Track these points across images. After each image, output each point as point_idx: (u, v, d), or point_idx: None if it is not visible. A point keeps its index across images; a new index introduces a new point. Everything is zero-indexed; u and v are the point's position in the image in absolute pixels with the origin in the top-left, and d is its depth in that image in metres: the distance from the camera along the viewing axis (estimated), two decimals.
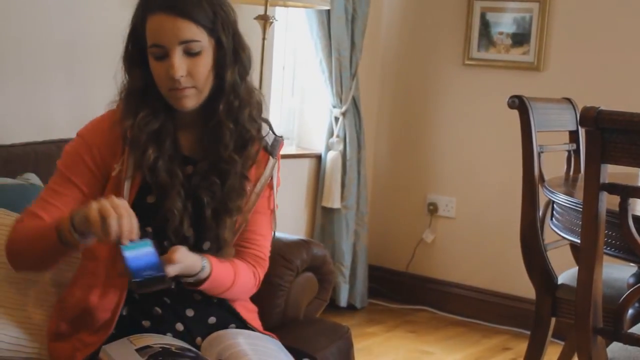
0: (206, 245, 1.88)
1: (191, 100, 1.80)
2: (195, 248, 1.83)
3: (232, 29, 1.84)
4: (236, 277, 1.89)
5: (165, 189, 1.82)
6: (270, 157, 1.95)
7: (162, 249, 1.76)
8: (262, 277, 1.99)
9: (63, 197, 1.84)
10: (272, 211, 1.98)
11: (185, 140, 1.89)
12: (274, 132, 1.98)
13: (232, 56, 1.83)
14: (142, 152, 1.80)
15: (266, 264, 2.00)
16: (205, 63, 1.79)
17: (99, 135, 1.85)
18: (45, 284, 1.98)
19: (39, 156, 2.41)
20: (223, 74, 1.83)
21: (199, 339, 1.88)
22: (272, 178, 1.95)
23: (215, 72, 1.83)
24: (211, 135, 1.86)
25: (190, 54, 1.77)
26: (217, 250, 1.87)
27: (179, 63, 1.76)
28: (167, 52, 1.76)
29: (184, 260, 1.74)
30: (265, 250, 1.99)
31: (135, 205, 1.74)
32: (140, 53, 1.81)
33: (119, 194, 1.80)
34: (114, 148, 1.84)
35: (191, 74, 1.78)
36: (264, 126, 1.95)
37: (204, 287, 1.82)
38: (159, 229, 1.82)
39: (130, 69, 1.84)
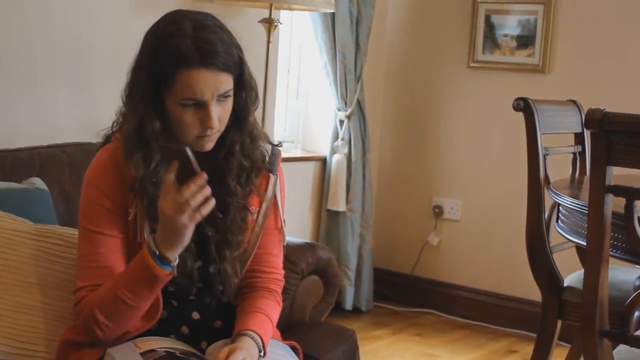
0: (212, 267, 1.86)
1: (214, 142, 1.79)
2: (202, 274, 1.84)
3: (249, 69, 1.81)
4: (273, 323, 1.89)
5: None
6: (271, 175, 1.91)
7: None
8: (280, 294, 1.98)
9: (107, 254, 1.78)
10: (280, 229, 1.96)
11: None
12: (270, 142, 1.94)
13: (252, 96, 1.83)
14: (151, 202, 1.76)
15: (283, 282, 2.00)
16: (230, 106, 1.78)
17: (108, 177, 1.79)
18: (49, 288, 1.98)
19: (44, 161, 2.41)
20: (244, 115, 1.82)
21: (204, 343, 1.88)
22: (275, 197, 1.92)
23: (235, 112, 1.80)
24: (218, 167, 1.83)
25: (221, 101, 1.75)
26: (222, 284, 1.86)
27: (215, 114, 1.73)
28: (203, 103, 1.72)
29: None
30: (280, 270, 1.98)
31: None
32: (157, 97, 1.75)
33: (138, 238, 1.79)
34: (125, 191, 1.79)
35: (220, 120, 1.76)
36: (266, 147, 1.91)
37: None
38: None
39: (146, 116, 1.75)
